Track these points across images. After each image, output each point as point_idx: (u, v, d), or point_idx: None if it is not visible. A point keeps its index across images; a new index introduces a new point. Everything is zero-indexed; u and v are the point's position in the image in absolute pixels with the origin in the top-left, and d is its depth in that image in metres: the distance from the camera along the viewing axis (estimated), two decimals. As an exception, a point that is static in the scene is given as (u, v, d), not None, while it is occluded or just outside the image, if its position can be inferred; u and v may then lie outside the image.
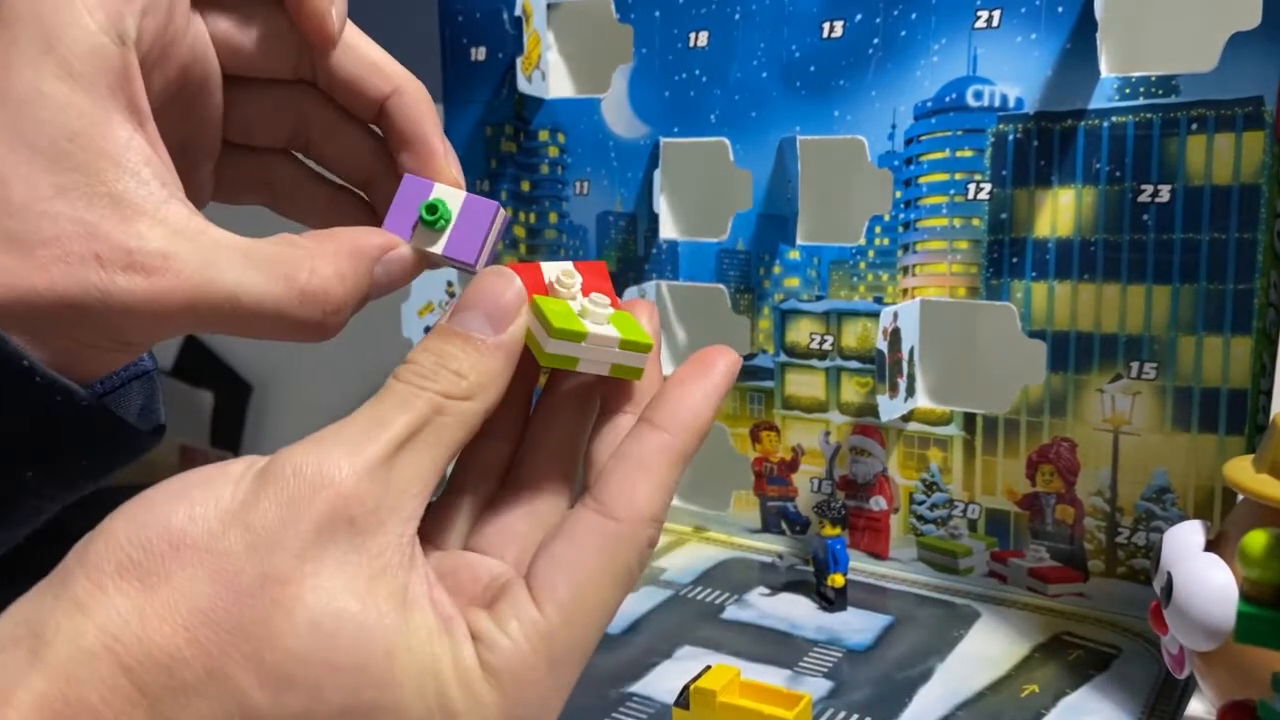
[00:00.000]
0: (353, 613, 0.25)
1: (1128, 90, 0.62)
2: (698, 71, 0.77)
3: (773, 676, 0.60)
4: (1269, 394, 0.64)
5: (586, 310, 0.31)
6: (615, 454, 0.30)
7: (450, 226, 0.33)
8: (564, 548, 0.28)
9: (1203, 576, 0.46)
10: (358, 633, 0.25)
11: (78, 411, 0.30)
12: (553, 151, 0.85)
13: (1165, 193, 0.62)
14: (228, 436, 1.41)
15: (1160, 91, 0.61)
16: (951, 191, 0.69)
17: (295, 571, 0.24)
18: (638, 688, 0.60)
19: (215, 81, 0.35)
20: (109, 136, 0.28)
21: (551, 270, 0.32)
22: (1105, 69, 0.63)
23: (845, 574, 0.68)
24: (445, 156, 0.36)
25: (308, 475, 0.25)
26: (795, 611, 0.69)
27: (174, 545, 0.24)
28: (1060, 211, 0.65)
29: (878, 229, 0.72)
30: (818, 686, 0.59)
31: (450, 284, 0.90)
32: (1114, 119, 0.63)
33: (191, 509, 0.25)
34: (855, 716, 0.56)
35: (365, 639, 0.25)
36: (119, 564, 0.24)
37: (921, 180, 0.69)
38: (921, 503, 0.73)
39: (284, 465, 0.26)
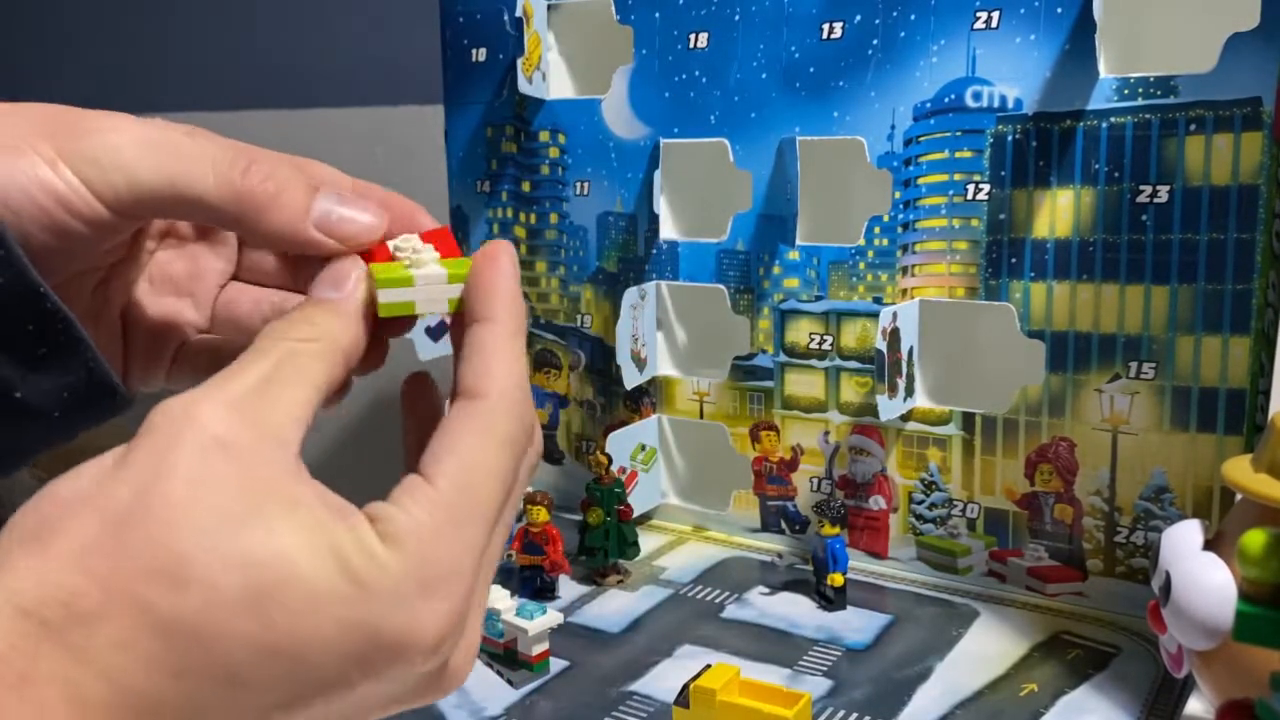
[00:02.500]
0: (236, 513, 0.26)
1: (1126, 91, 0.62)
2: (698, 72, 0.77)
3: (772, 675, 0.60)
4: (1267, 394, 0.64)
5: (414, 262, 0.34)
6: (462, 354, 0.33)
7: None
8: (443, 436, 0.30)
9: (1201, 576, 0.46)
10: (242, 529, 0.26)
11: (71, 340, 0.32)
12: (553, 152, 0.85)
13: (1164, 193, 0.62)
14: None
15: (1159, 92, 0.62)
16: (950, 192, 0.69)
17: (174, 493, 0.26)
18: (638, 686, 0.60)
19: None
20: None
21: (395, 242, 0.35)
22: (1104, 70, 0.63)
23: (844, 573, 0.68)
24: (421, 211, 0.37)
25: (175, 415, 0.27)
26: (795, 610, 0.69)
27: (63, 505, 0.26)
28: (1059, 212, 0.65)
29: (877, 229, 0.72)
30: (817, 685, 0.59)
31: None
32: (1113, 119, 0.63)
33: (78, 475, 0.27)
34: (855, 715, 0.56)
35: (252, 532, 0.26)
36: (20, 537, 0.26)
37: (921, 181, 0.70)
38: (921, 502, 0.73)
39: (154, 414, 0.27)
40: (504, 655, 0.62)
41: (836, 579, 0.68)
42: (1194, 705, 0.57)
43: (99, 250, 0.34)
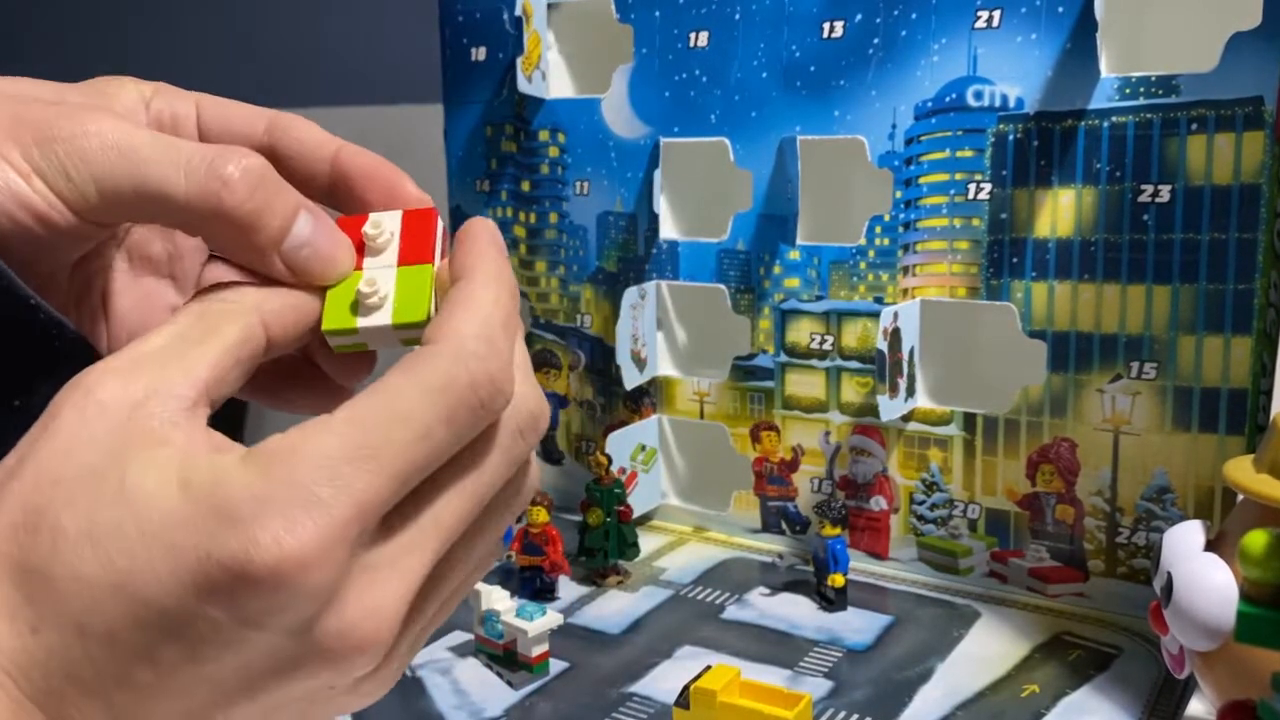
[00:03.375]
0: (93, 463, 0.26)
1: (1128, 90, 0.62)
2: (698, 71, 0.77)
3: (773, 676, 0.60)
4: (1269, 394, 0.64)
5: (366, 292, 0.32)
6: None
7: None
8: (380, 379, 0.28)
9: (1203, 576, 0.46)
10: (96, 475, 0.25)
11: (67, 344, 0.31)
12: (553, 151, 0.85)
13: (1165, 193, 0.62)
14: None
15: (1160, 91, 0.61)
16: (951, 191, 0.69)
17: (44, 454, 0.26)
18: (638, 688, 0.60)
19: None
20: None
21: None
22: (1105, 69, 0.63)
23: (845, 574, 0.68)
24: (405, 179, 0.36)
25: (68, 386, 0.27)
26: (795, 611, 0.69)
27: None
28: (1060, 211, 0.65)
29: (878, 229, 0.72)
30: (818, 686, 0.59)
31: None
32: (1114, 119, 0.63)
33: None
34: (855, 716, 0.56)
35: (105, 476, 0.25)
36: None
37: (922, 180, 0.69)
38: (922, 503, 0.73)
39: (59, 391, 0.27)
40: (504, 656, 0.62)
41: (837, 580, 0.68)
42: (1195, 706, 0.56)
43: (79, 250, 0.33)
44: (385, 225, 0.33)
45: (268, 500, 0.25)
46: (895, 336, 0.68)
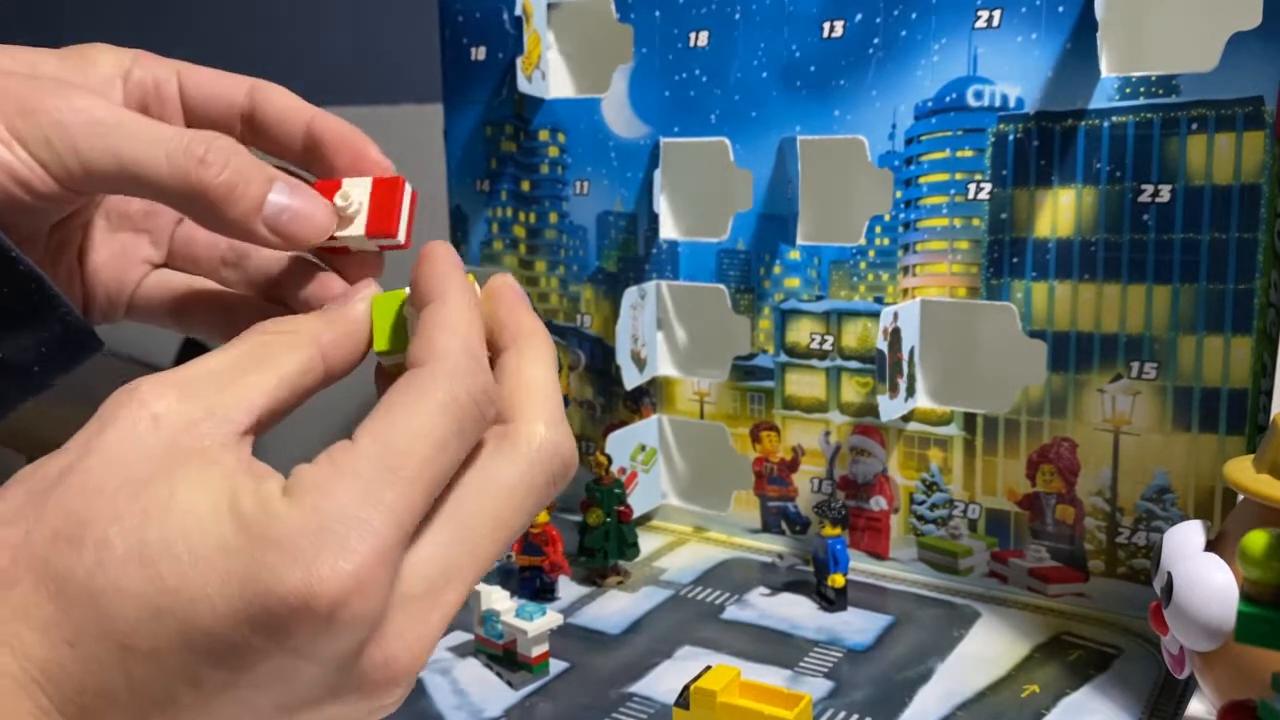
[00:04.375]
0: (141, 477, 0.26)
1: (1128, 90, 0.62)
2: (698, 71, 0.77)
3: (773, 677, 0.60)
4: (1269, 394, 0.64)
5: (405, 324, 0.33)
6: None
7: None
8: (382, 401, 0.29)
9: (1203, 576, 0.46)
10: (143, 489, 0.26)
11: (45, 298, 0.32)
12: (553, 151, 0.85)
13: (1165, 192, 0.62)
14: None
15: (1160, 91, 0.61)
16: (952, 191, 0.69)
17: (93, 463, 0.26)
18: (638, 688, 0.60)
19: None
20: None
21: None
22: (1105, 69, 0.63)
23: (845, 574, 0.68)
24: (370, 145, 0.37)
25: (120, 395, 0.27)
26: (795, 611, 0.69)
27: (5, 486, 0.27)
28: (1060, 211, 0.65)
29: (878, 229, 0.72)
30: (818, 686, 0.59)
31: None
32: (1114, 119, 0.63)
33: (37, 462, 0.28)
34: (855, 716, 0.56)
35: (153, 492, 0.26)
36: None
37: (922, 180, 0.69)
38: (922, 503, 0.73)
39: (108, 399, 0.28)
40: (504, 657, 0.62)
41: (837, 580, 0.68)
42: (1195, 706, 0.56)
43: (59, 214, 0.34)
44: (354, 196, 0.34)
45: (320, 531, 0.25)
46: (895, 336, 0.68)
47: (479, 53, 0.86)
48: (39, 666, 0.25)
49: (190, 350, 1.41)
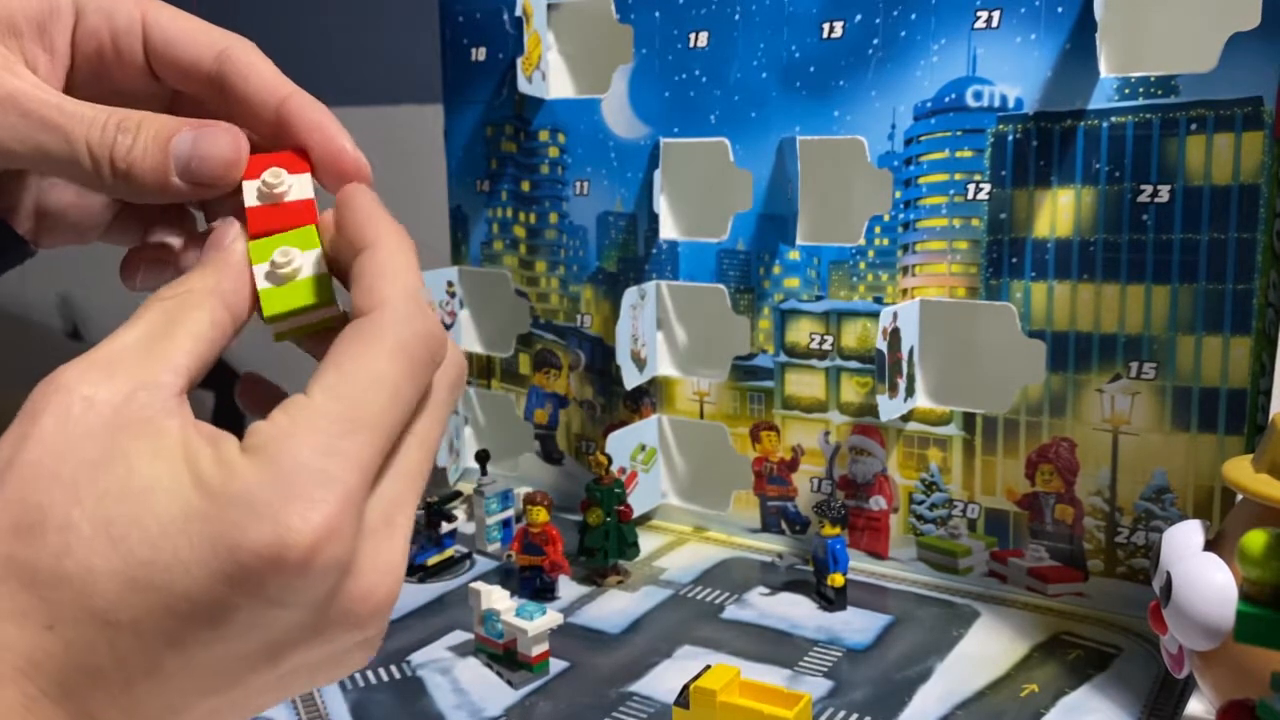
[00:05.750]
0: (94, 458, 0.26)
1: (1127, 90, 0.62)
2: (698, 72, 0.77)
3: (773, 676, 0.60)
4: (1268, 394, 0.64)
5: (280, 261, 0.32)
6: (350, 288, 0.32)
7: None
8: (330, 354, 0.29)
9: (1202, 576, 0.46)
10: (99, 470, 0.26)
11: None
12: (553, 151, 0.85)
13: (1164, 193, 0.62)
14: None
15: (1160, 92, 0.61)
16: (951, 192, 0.69)
17: (34, 453, 0.26)
18: (638, 687, 0.60)
19: None
20: None
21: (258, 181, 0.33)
22: (1105, 69, 0.63)
23: (845, 574, 0.68)
24: (342, 134, 0.35)
25: (44, 387, 0.27)
26: (795, 611, 0.69)
27: None
28: (1059, 211, 0.65)
29: (877, 229, 0.72)
30: (818, 686, 0.59)
31: (450, 284, 0.90)
32: (1113, 119, 0.63)
33: None
34: (855, 716, 0.56)
35: (110, 471, 0.26)
36: None
37: (921, 180, 0.69)
38: (921, 502, 0.73)
39: (32, 392, 0.28)
40: (504, 656, 0.62)
41: (837, 579, 0.68)
42: (1195, 706, 0.57)
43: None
44: (280, 176, 0.33)
45: (284, 485, 0.26)
46: (895, 336, 0.68)
47: (479, 53, 0.87)
48: (21, 655, 0.25)
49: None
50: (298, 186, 0.33)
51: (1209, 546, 0.49)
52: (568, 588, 0.72)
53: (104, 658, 0.25)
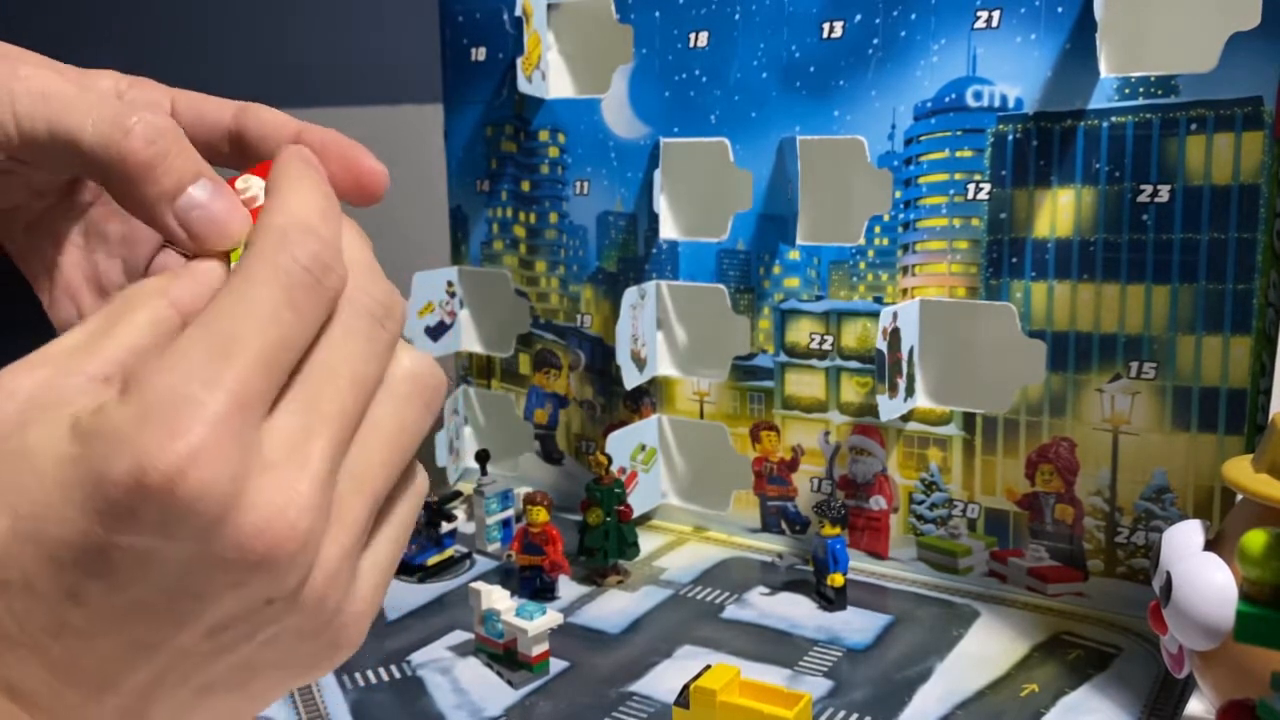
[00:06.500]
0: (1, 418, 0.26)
1: (1127, 90, 0.62)
2: (698, 72, 0.77)
3: (773, 676, 0.60)
4: (1268, 394, 0.64)
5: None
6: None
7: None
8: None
9: (1202, 576, 0.46)
10: (2, 442, 0.26)
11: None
12: (553, 151, 0.85)
13: (1164, 193, 0.62)
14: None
15: (1160, 92, 0.61)
16: (951, 191, 0.69)
17: None
18: (638, 687, 0.60)
19: None
20: None
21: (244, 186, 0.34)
22: (1105, 69, 0.63)
23: (845, 573, 0.68)
24: (363, 153, 0.36)
25: None
26: (795, 611, 0.69)
27: None
28: (1059, 211, 0.65)
29: (877, 229, 0.72)
30: (818, 686, 0.59)
31: (450, 284, 0.90)
32: (1113, 119, 0.63)
33: None
34: (855, 715, 0.56)
35: (6, 442, 0.26)
36: None
37: (921, 180, 0.69)
38: (921, 502, 0.73)
39: None
40: (504, 656, 0.62)
41: (837, 579, 0.68)
42: (1194, 706, 0.57)
43: (17, 187, 0.34)
44: (253, 184, 0.34)
45: (145, 413, 0.25)
46: (895, 336, 0.68)
47: (479, 53, 0.87)
48: None
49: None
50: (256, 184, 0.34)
51: (1209, 546, 0.49)
52: (568, 588, 0.72)
53: (6, 621, 0.25)
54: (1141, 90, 0.62)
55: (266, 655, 0.29)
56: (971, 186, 0.68)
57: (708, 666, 0.53)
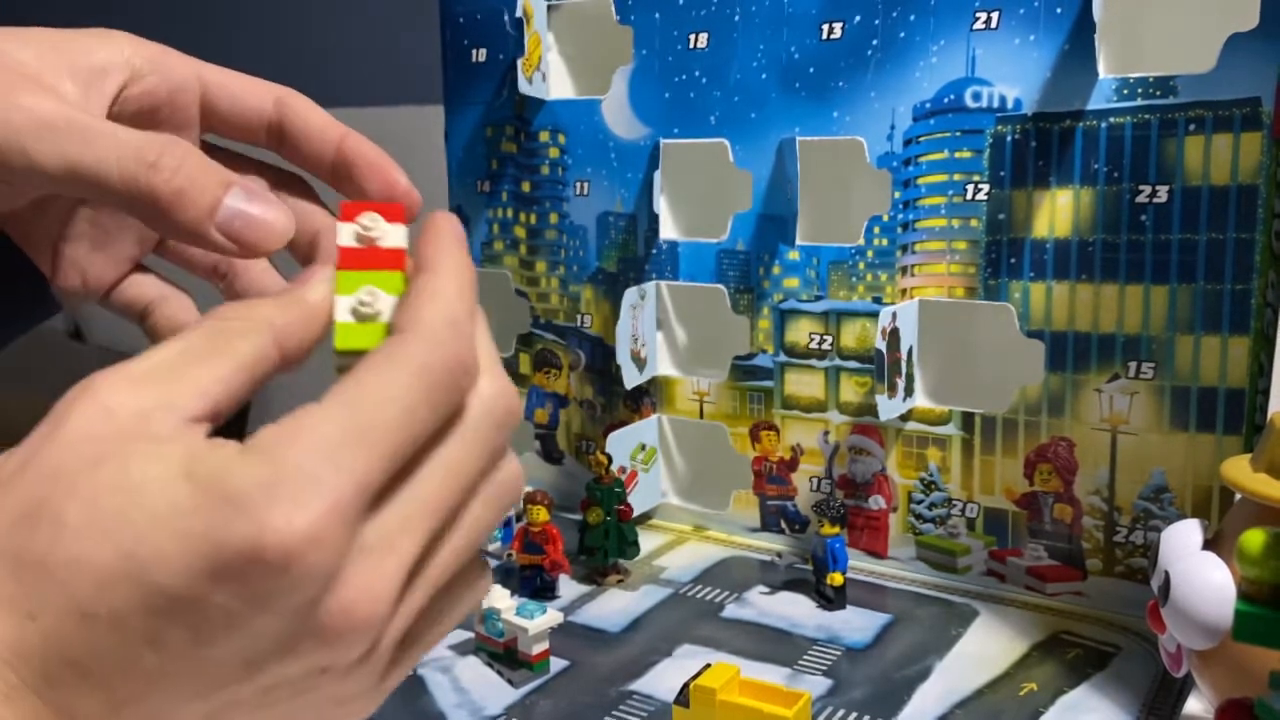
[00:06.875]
0: (95, 457, 0.26)
1: (1126, 91, 0.63)
2: (697, 73, 0.77)
3: (772, 675, 0.60)
4: (1266, 394, 0.64)
5: (367, 300, 0.32)
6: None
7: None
8: (354, 367, 0.29)
9: (1200, 575, 0.46)
10: (98, 467, 0.26)
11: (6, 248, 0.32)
12: (553, 152, 0.85)
13: (1163, 193, 0.62)
14: (232, 435, 1.41)
15: (1158, 92, 0.62)
16: (950, 192, 0.69)
17: (49, 453, 0.26)
18: (638, 686, 0.60)
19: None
20: None
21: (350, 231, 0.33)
22: (1103, 70, 0.63)
23: (844, 573, 0.68)
24: (399, 172, 0.37)
25: (75, 392, 0.27)
26: (794, 610, 0.69)
27: None
28: (1058, 212, 0.66)
29: (876, 229, 0.72)
30: (817, 685, 0.59)
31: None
32: (1112, 120, 0.63)
33: None
34: (854, 714, 0.56)
35: (107, 468, 0.26)
36: None
37: (920, 181, 0.70)
38: (920, 502, 0.73)
39: (64, 396, 0.28)
40: (504, 655, 0.62)
41: (836, 578, 0.68)
42: (1193, 705, 0.57)
43: (22, 199, 0.34)
44: (380, 225, 0.33)
45: (274, 485, 0.25)
46: (894, 336, 0.68)
47: (480, 54, 0.87)
48: (4, 644, 0.25)
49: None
50: (393, 235, 0.33)
51: (1207, 546, 0.49)
52: (568, 587, 0.73)
53: (83, 651, 0.25)
54: (1140, 91, 0.62)
55: (303, 712, 0.29)
56: (970, 187, 0.68)
57: (707, 665, 0.53)
